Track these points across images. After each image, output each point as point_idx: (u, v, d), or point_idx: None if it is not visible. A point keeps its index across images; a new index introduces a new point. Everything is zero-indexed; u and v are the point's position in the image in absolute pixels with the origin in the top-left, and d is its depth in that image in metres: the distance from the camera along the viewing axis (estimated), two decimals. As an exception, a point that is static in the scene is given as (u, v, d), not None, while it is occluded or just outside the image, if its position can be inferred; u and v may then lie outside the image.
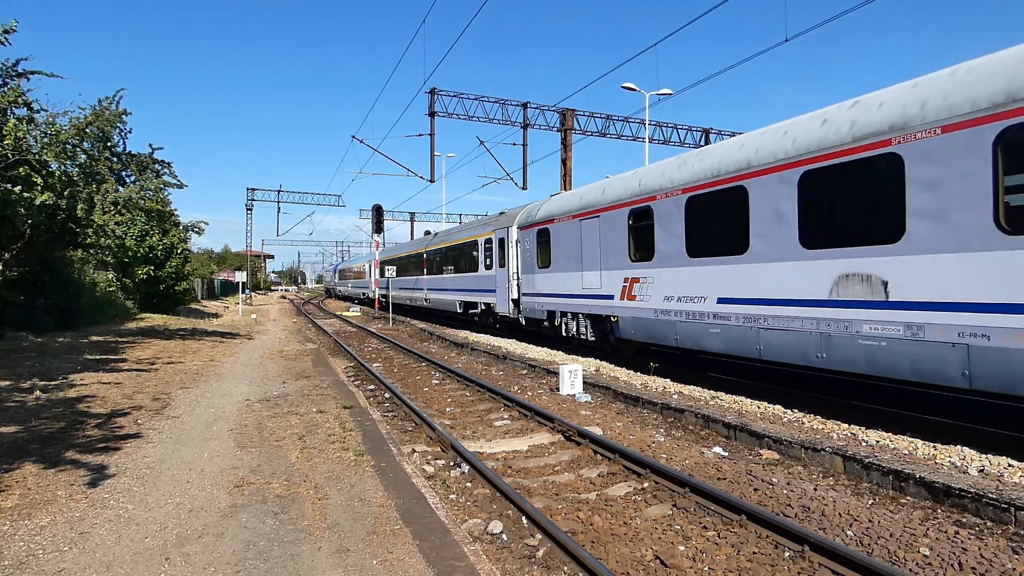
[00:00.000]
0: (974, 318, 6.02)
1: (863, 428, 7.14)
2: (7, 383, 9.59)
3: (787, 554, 4.36)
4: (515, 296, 17.24)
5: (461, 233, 22.25)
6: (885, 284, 6.89)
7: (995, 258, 5.85)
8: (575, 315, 14.08)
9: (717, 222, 9.48)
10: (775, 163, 8.24)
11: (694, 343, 9.95)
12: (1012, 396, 5.87)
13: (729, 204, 8.98)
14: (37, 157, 13.22)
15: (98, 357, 13.07)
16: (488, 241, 19.16)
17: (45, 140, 13.67)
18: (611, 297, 12.34)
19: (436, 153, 26.83)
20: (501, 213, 19.22)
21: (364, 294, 44.73)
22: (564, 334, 14.62)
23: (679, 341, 10.30)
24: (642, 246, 11.29)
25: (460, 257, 20.47)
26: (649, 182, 11.13)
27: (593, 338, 13.48)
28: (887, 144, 6.85)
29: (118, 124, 15.44)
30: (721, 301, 9.27)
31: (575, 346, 14.75)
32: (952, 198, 6.23)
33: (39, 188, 13.13)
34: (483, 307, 19.80)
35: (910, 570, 4.11)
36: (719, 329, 9.33)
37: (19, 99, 13.08)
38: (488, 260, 19.16)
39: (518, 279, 17.05)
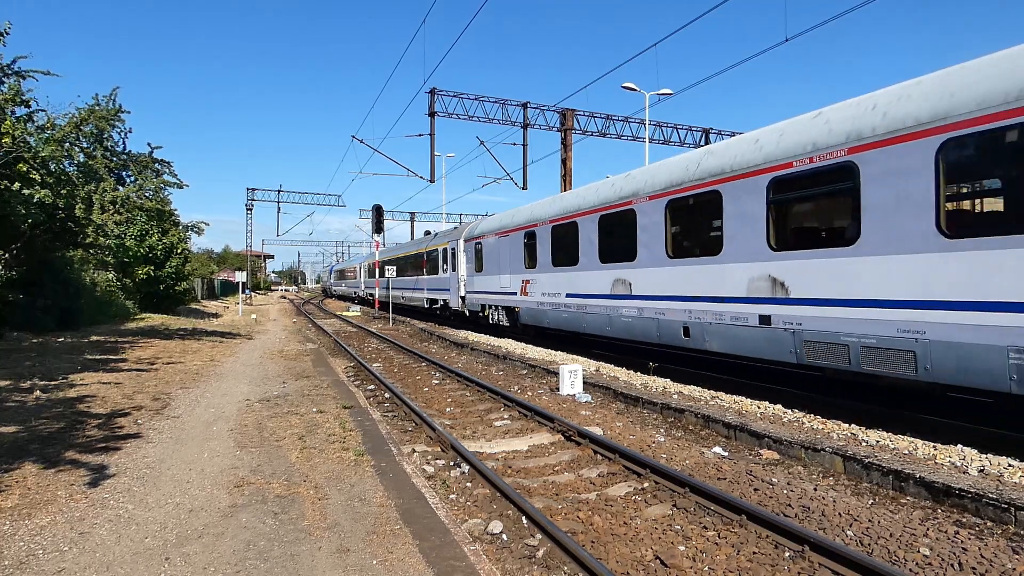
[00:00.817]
0: (666, 305, 10.53)
1: (863, 428, 7.14)
2: (7, 383, 9.59)
3: (787, 554, 4.36)
4: (463, 294, 21.55)
5: (427, 243, 26.51)
6: (630, 285, 11.53)
7: (669, 271, 10.47)
8: (496, 307, 18.77)
9: (566, 243, 14.07)
10: (589, 208, 13.03)
11: (553, 323, 14.88)
12: (669, 345, 10.64)
13: (570, 233, 13.86)
14: (35, 155, 13.22)
15: (98, 357, 13.07)
16: (445, 251, 23.33)
17: (43, 137, 13.67)
18: (515, 294, 16.94)
19: (436, 153, 26.85)
20: (455, 227, 23.76)
21: (356, 293, 50.63)
22: (490, 321, 19.22)
23: (548, 322, 15.15)
24: (531, 258, 15.99)
25: (427, 263, 24.56)
26: (535, 214, 15.88)
27: (507, 323, 18.26)
28: (629, 203, 11.60)
29: (115, 122, 15.42)
30: (567, 295, 14.05)
31: (499, 330, 19.14)
32: (653, 233, 10.87)
33: (37, 185, 13.13)
34: (441, 303, 24.16)
35: (910, 570, 4.11)
36: (566, 313, 14.10)
37: (16, 97, 13.08)
38: (445, 266, 23.44)
39: (464, 281, 21.38)
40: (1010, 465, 5.64)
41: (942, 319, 6.24)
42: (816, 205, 8.26)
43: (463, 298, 21.48)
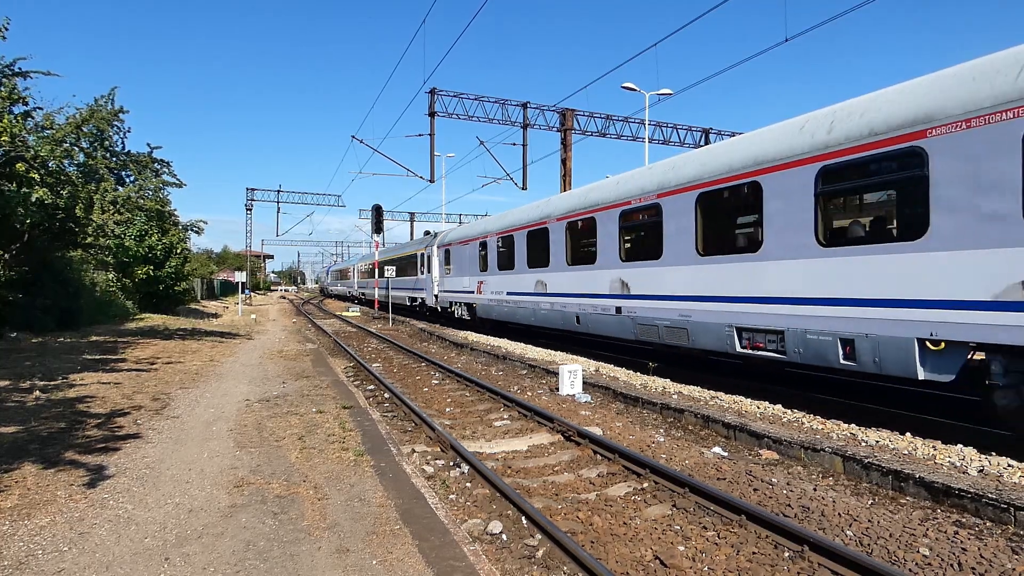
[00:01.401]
0: (566, 300, 13.85)
1: (863, 428, 7.14)
2: (7, 383, 9.59)
3: (787, 554, 4.36)
4: (436, 293, 24.85)
5: (408, 248, 30.49)
6: (546, 284, 15.03)
7: (568, 274, 13.87)
8: (460, 303, 22.20)
9: (507, 252, 17.51)
10: (521, 225, 16.50)
11: (499, 315, 18.45)
12: (568, 330, 14.23)
13: (509, 244, 17.35)
14: (34, 154, 13.21)
15: (98, 357, 13.07)
16: (422, 255, 26.71)
17: (43, 137, 13.66)
18: (473, 292, 20.48)
19: (436, 153, 26.86)
20: (430, 234, 27.45)
21: (350, 292, 55.53)
22: (455, 316, 22.71)
23: (495, 315, 18.76)
24: (484, 263, 19.43)
25: (408, 265, 28.07)
26: (487, 228, 19.38)
27: (468, 317, 21.62)
28: (544, 223, 15.17)
29: (114, 122, 15.43)
30: (507, 293, 17.54)
31: (462, 323, 22.46)
32: (560, 245, 14.33)
33: (37, 185, 13.13)
34: (420, 300, 27.69)
35: (910, 570, 4.11)
36: (507, 307, 17.57)
37: (13, 95, 13.07)
38: (422, 269, 26.79)
39: (436, 282, 24.57)
40: (1010, 465, 5.64)
41: (700, 307, 9.68)
42: (645, 233, 11.51)
43: (436, 296, 24.90)
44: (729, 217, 9.62)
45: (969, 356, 6.17)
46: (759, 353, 8.57)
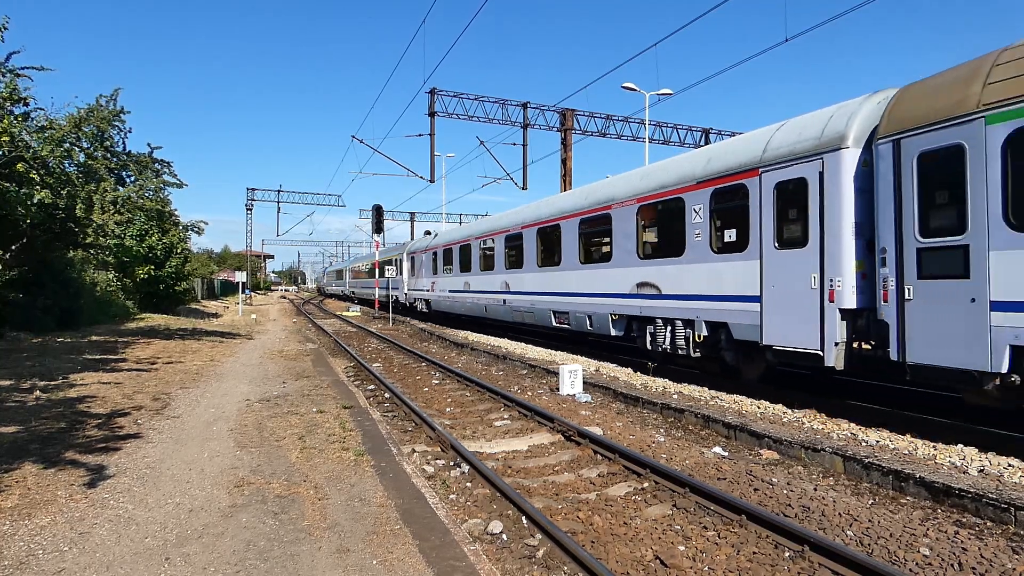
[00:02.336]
0: (479, 295, 19.89)
1: (863, 428, 7.14)
2: (7, 383, 9.59)
3: (787, 554, 4.36)
4: (405, 291, 30.58)
5: (388, 254, 35.80)
6: (469, 284, 20.72)
7: (479, 277, 20.01)
8: (421, 300, 27.63)
9: (448, 259, 23.14)
10: (456, 241, 22.30)
11: (445, 308, 23.90)
12: (481, 317, 20.62)
13: (449, 254, 22.94)
14: (34, 154, 13.20)
15: (98, 357, 13.08)
16: (396, 260, 32.60)
17: (43, 137, 13.65)
18: (429, 291, 26.09)
19: (436, 153, 26.88)
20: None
21: (343, 291, 60.96)
22: (418, 310, 28.18)
23: (443, 308, 24.18)
24: (434, 268, 24.94)
25: (386, 268, 32.75)
26: (440, 240, 24.83)
27: (426, 311, 26.89)
28: (468, 240, 21.19)
29: (116, 123, 15.41)
30: (449, 291, 22.92)
31: (424, 316, 27.71)
32: (473, 257, 20.72)
33: (37, 185, 13.12)
34: (394, 298, 33.15)
35: (910, 570, 4.11)
36: (449, 302, 23.09)
37: (13, 95, 13.06)
38: (397, 271, 32.04)
39: (406, 282, 30.04)
40: (1010, 465, 5.64)
41: (539, 299, 15.54)
42: (516, 251, 17.24)
43: (406, 294, 30.64)
44: (548, 244, 15.37)
45: (628, 324, 12.05)
46: (562, 326, 14.65)
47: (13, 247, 15.12)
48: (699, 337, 9.80)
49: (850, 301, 7.34)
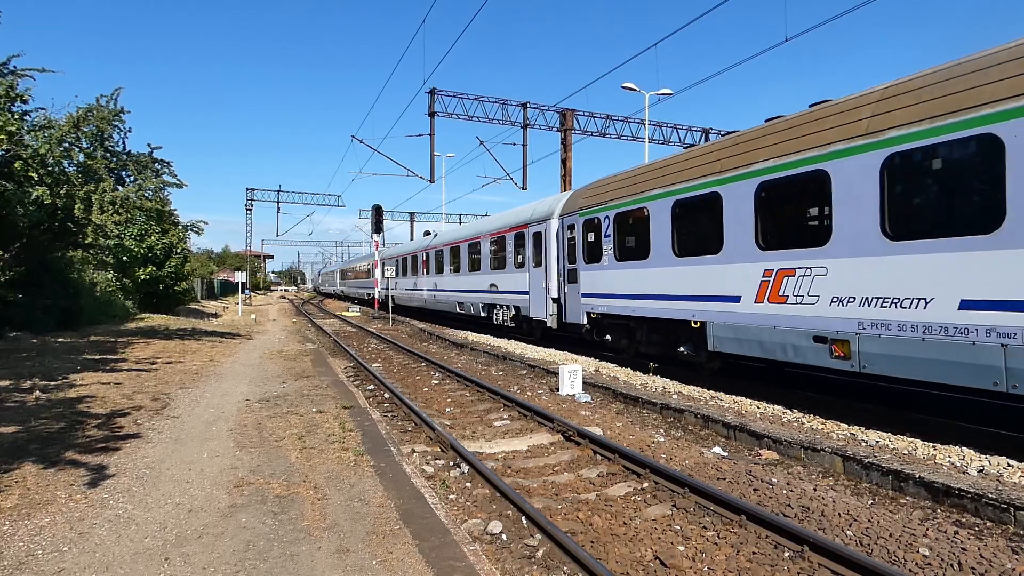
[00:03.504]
0: (420, 291, 28.42)
1: (863, 428, 7.14)
2: (7, 383, 9.59)
3: (787, 554, 4.36)
4: (379, 290, 34.52)
5: (366, 260, 42.98)
6: (416, 283, 29.27)
7: (424, 279, 27.61)
8: (390, 296, 32.97)
9: (404, 265, 31.18)
10: (411, 252, 30.50)
11: (404, 302, 31.37)
12: (424, 309, 28.47)
13: (406, 261, 31.07)
14: (32, 152, 13.18)
15: (98, 357, 13.07)
16: (372, 264, 37.06)
17: (43, 136, 13.63)
18: (395, 288, 32.88)
19: (436, 153, 26.87)
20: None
21: (334, 290, 68.04)
22: (387, 304, 32.74)
23: (403, 302, 31.65)
24: (404, 271, 31.20)
25: (369, 272, 38.54)
26: (399, 251, 33.68)
27: (392, 304, 31.99)
28: (417, 252, 29.55)
29: (115, 122, 15.38)
30: (405, 289, 31.21)
31: (401, 310, 33.28)
32: (417, 264, 29.18)
33: (36, 185, 13.10)
34: (369, 296, 40.48)
35: (910, 570, 4.11)
36: (405, 296, 31.24)
37: (10, 93, 13.03)
38: (374, 272, 36.49)
39: (388, 284, 33.12)
40: (1010, 465, 5.64)
41: (467, 295, 21.39)
42: (440, 261, 24.62)
43: (379, 292, 35.40)
44: (455, 258, 22.66)
45: (488, 308, 19.20)
46: (465, 312, 20.70)
47: (13, 247, 15.10)
48: (511, 314, 17.97)
49: (554, 293, 15.05)
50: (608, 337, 12.99)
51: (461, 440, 7.41)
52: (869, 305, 6.93)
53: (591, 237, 12.97)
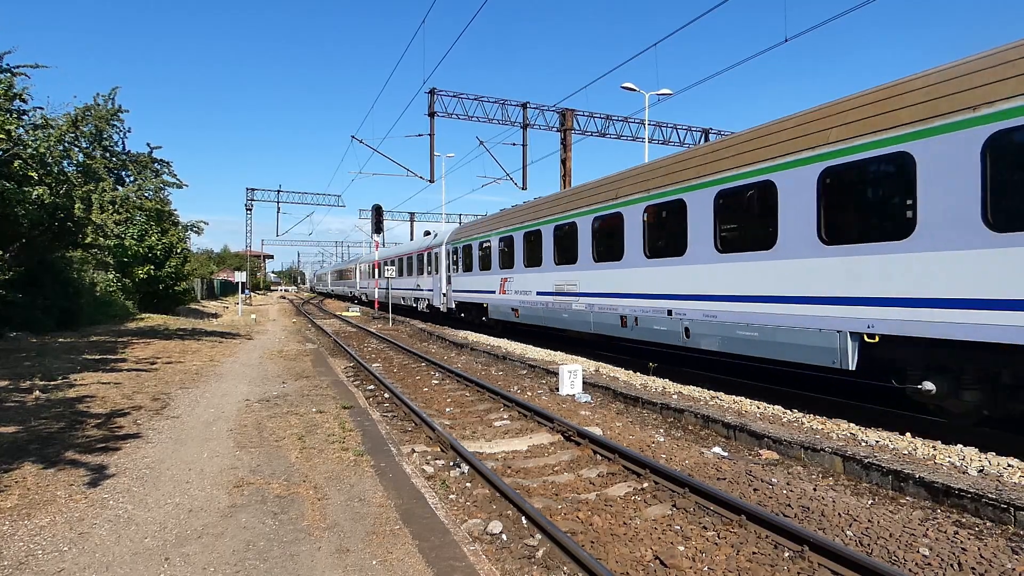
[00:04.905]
0: (396, 291, 33.19)
1: (863, 428, 7.15)
2: (7, 383, 9.58)
3: (787, 554, 4.36)
4: (358, 288, 44.61)
5: (350, 263, 52.81)
6: (389, 282, 31.49)
7: (395, 281, 31.80)
8: (364, 294, 43.49)
9: (377, 270, 34.55)
10: (377, 260, 34.15)
11: (379, 298, 35.01)
12: (401, 304, 32.51)
13: (374, 267, 35.06)
14: (32, 151, 13.17)
15: (98, 357, 13.07)
16: (354, 267, 47.64)
17: (42, 136, 13.63)
18: (372, 288, 37.98)
19: (436, 153, 26.86)
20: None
21: (326, 290, 75.71)
22: (363, 300, 44.26)
23: (377, 297, 35.67)
24: (372, 274, 37.66)
25: (353, 273, 45.11)
26: (370, 259, 40.38)
27: (366, 299, 42.78)
28: (377, 263, 35.02)
29: (114, 122, 15.37)
30: (378, 288, 35.92)
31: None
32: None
33: (35, 183, 13.10)
34: (350, 293, 50.44)
35: (910, 570, 4.12)
36: (381, 293, 34.69)
37: (9, 92, 13.02)
38: (354, 275, 47.65)
39: (359, 282, 43.13)
40: (1010, 465, 5.64)
41: (422, 292, 27.77)
42: (402, 266, 31.41)
43: (358, 290, 45.10)
44: (408, 265, 29.85)
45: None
46: (409, 303, 29.59)
47: (13, 247, 15.10)
48: (425, 303, 26.91)
49: (444, 290, 23.47)
50: (462, 314, 22.13)
51: (461, 440, 7.41)
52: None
53: (455, 257, 22.33)
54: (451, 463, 6.56)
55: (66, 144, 14.29)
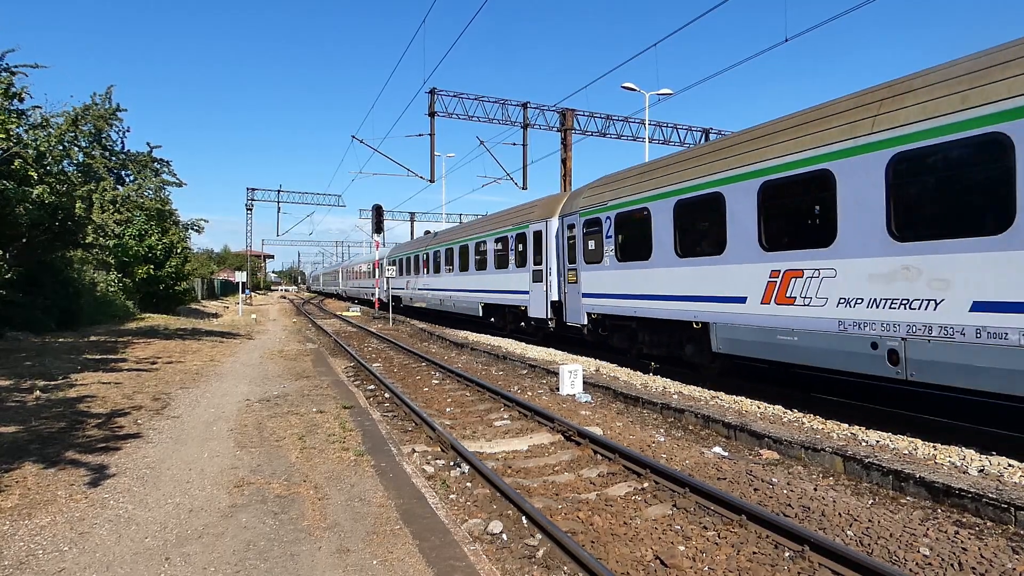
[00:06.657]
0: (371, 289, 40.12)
1: (863, 428, 7.15)
2: (7, 383, 9.58)
3: (787, 554, 4.36)
4: (343, 289, 50.75)
5: (336, 266, 60.12)
6: (386, 281, 34.97)
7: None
8: (345, 292, 53.62)
9: (357, 273, 49.57)
10: (352, 266, 53.21)
11: (355, 296, 49.86)
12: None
13: (350, 271, 53.42)
14: (32, 151, 13.17)
15: (98, 357, 13.07)
16: (338, 270, 54.90)
17: (42, 135, 13.63)
18: (355, 288, 50.16)
19: (436, 153, 26.85)
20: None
21: (320, 289, 79.14)
22: (346, 298, 52.17)
23: (353, 295, 50.77)
24: (348, 276, 53.19)
25: (337, 273, 46.82)
26: (348, 264, 57.79)
27: (347, 297, 53.53)
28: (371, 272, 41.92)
29: (113, 121, 15.37)
30: (355, 288, 50.11)
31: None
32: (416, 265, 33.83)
33: (35, 183, 13.10)
34: (334, 292, 56.38)
35: (910, 570, 4.11)
36: (354, 292, 50.39)
37: (10, 92, 13.01)
38: (339, 277, 54.28)
39: (343, 283, 47.34)
40: (1010, 465, 5.64)
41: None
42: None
43: (343, 290, 45.36)
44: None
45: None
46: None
47: (13, 247, 15.10)
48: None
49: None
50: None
51: (461, 440, 7.41)
52: None
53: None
54: (451, 463, 6.56)
55: (66, 144, 14.29)
